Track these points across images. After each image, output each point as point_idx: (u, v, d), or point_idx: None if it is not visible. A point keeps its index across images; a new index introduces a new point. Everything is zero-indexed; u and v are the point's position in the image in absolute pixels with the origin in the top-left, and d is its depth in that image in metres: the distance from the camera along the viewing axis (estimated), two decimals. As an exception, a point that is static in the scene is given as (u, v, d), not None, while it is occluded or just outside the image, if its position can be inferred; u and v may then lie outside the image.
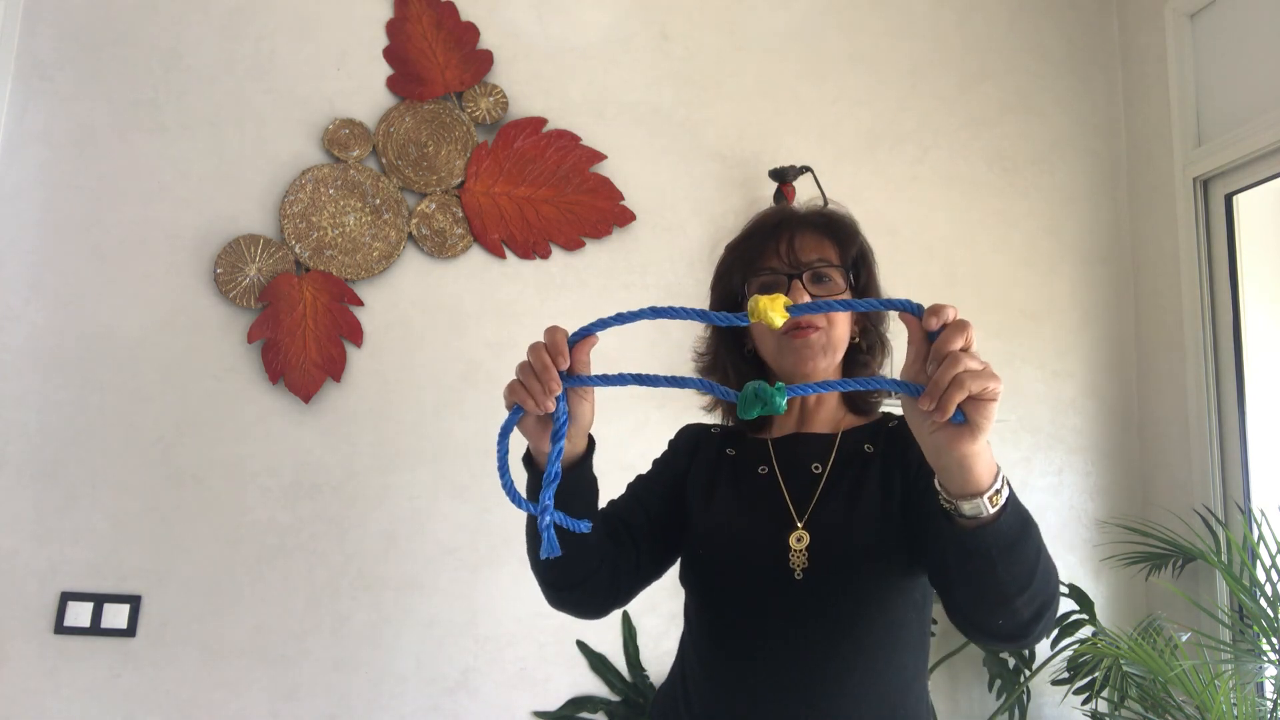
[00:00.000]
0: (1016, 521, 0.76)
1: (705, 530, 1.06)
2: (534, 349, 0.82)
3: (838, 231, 1.08)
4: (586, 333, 0.81)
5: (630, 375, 0.79)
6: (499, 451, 0.84)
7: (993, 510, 0.74)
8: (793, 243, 1.05)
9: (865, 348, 1.11)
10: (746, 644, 1.01)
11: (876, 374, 1.13)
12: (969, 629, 0.87)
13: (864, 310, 0.93)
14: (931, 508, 0.83)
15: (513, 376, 0.85)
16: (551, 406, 0.81)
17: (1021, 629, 0.82)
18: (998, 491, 0.74)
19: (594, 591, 1.00)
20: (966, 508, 0.75)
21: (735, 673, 1.02)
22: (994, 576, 0.77)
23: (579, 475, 0.92)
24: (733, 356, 1.12)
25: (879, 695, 0.98)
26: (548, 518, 0.80)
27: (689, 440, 1.16)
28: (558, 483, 0.81)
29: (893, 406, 2.21)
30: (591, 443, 0.93)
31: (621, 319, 0.78)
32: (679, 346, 2.06)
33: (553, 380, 0.80)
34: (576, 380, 0.81)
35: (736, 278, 1.09)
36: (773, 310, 0.74)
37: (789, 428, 1.11)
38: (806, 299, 1.01)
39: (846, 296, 1.05)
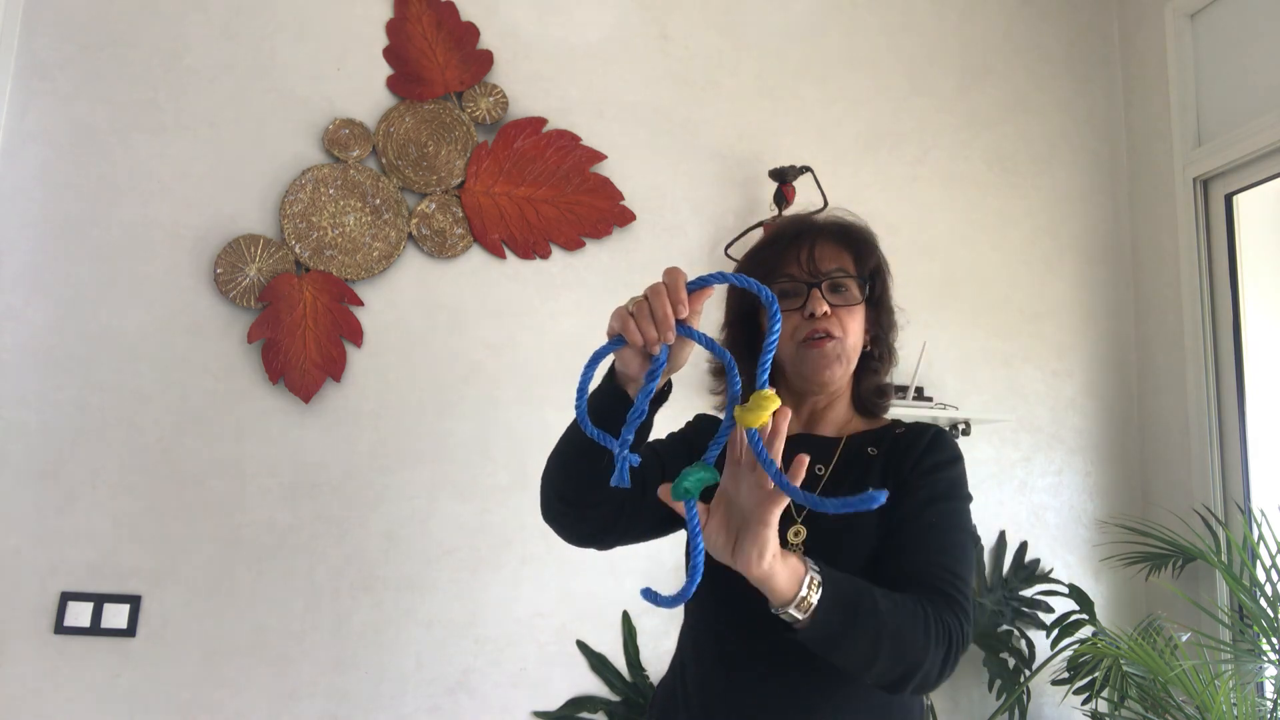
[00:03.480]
0: (834, 620, 0.83)
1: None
2: (657, 293, 0.81)
3: (856, 243, 1.11)
4: (705, 283, 0.82)
5: (728, 356, 0.82)
6: (583, 377, 0.84)
7: (804, 616, 0.82)
8: (813, 252, 1.08)
9: (877, 355, 1.14)
10: (742, 634, 1.03)
11: (884, 382, 1.17)
12: None
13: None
14: (891, 523, 0.97)
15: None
16: (657, 350, 0.82)
17: (891, 688, 0.90)
18: (803, 599, 0.81)
19: (593, 520, 1.01)
20: (782, 615, 0.83)
21: (731, 664, 1.03)
22: (833, 658, 0.86)
23: (649, 416, 0.93)
24: (747, 363, 1.13)
25: (870, 693, 0.99)
26: (626, 450, 0.80)
27: (707, 428, 1.18)
28: (641, 420, 0.82)
29: (900, 412, 2.19)
30: (669, 386, 0.94)
31: (742, 280, 0.81)
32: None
33: (670, 331, 0.81)
34: (686, 330, 0.82)
35: None
36: (755, 412, 0.77)
37: (796, 428, 1.13)
38: (825, 307, 1.04)
39: (861, 307, 1.09)
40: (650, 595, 0.80)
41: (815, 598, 0.81)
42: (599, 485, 0.94)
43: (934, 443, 1.06)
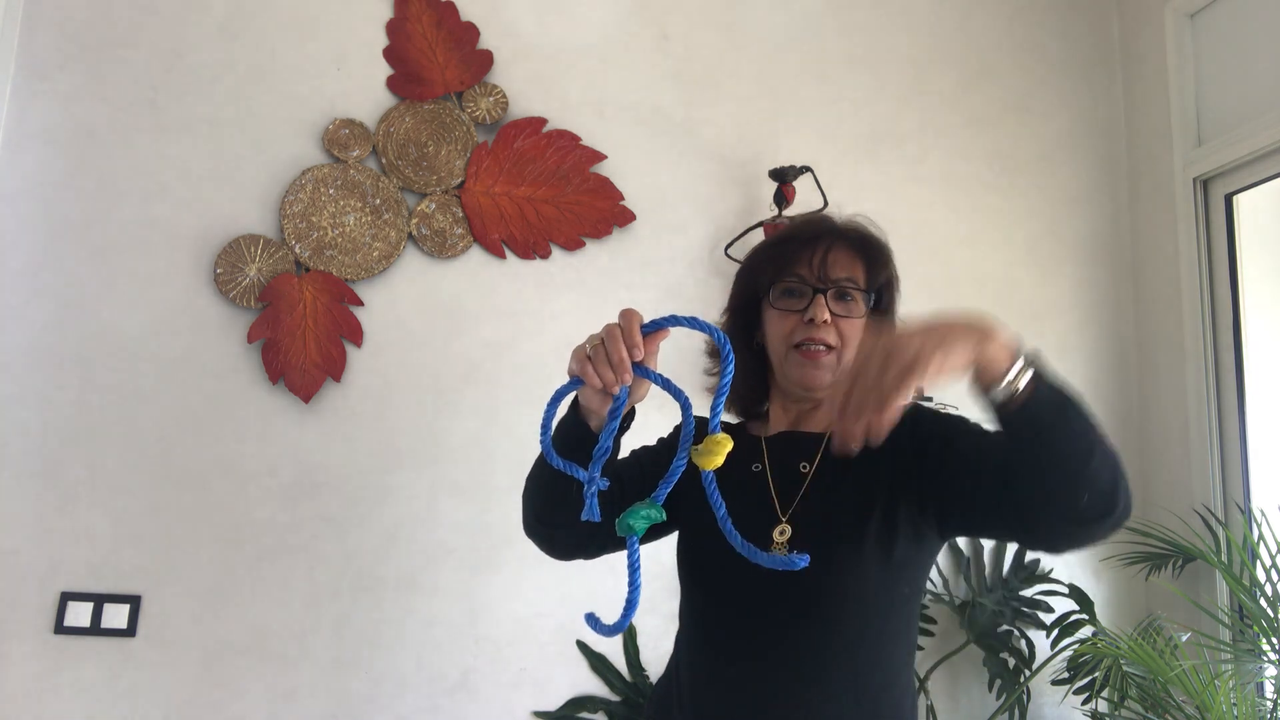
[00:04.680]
0: (1053, 394, 0.80)
1: (697, 520, 1.08)
2: (612, 338, 0.82)
3: (871, 255, 1.10)
4: (660, 326, 0.83)
5: (684, 397, 0.83)
6: (546, 414, 0.87)
7: (1020, 388, 0.79)
8: (826, 257, 1.07)
9: None
10: (730, 633, 1.04)
11: None
12: (1057, 528, 0.87)
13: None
14: (955, 457, 0.94)
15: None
16: (616, 392, 0.84)
17: (1104, 502, 0.81)
18: (1021, 370, 0.79)
19: (573, 535, 1.04)
20: (997, 394, 0.80)
21: (720, 662, 1.04)
22: (1054, 449, 0.80)
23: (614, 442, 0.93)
24: (741, 355, 1.13)
25: (860, 688, 1.00)
26: (594, 487, 0.83)
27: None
28: (606, 457, 0.84)
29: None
30: (632, 413, 0.94)
31: (695, 324, 0.82)
32: (678, 351, 2.07)
33: (627, 374, 0.82)
34: (643, 371, 0.83)
35: (764, 278, 1.10)
36: (709, 456, 0.80)
37: (783, 425, 1.14)
38: (826, 315, 1.04)
39: (863, 320, 1.08)
40: (592, 621, 0.82)
41: (1031, 372, 0.79)
42: (573, 508, 0.94)
43: (918, 414, 1.05)
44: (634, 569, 0.80)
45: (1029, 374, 0.79)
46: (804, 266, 1.07)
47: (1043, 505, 0.85)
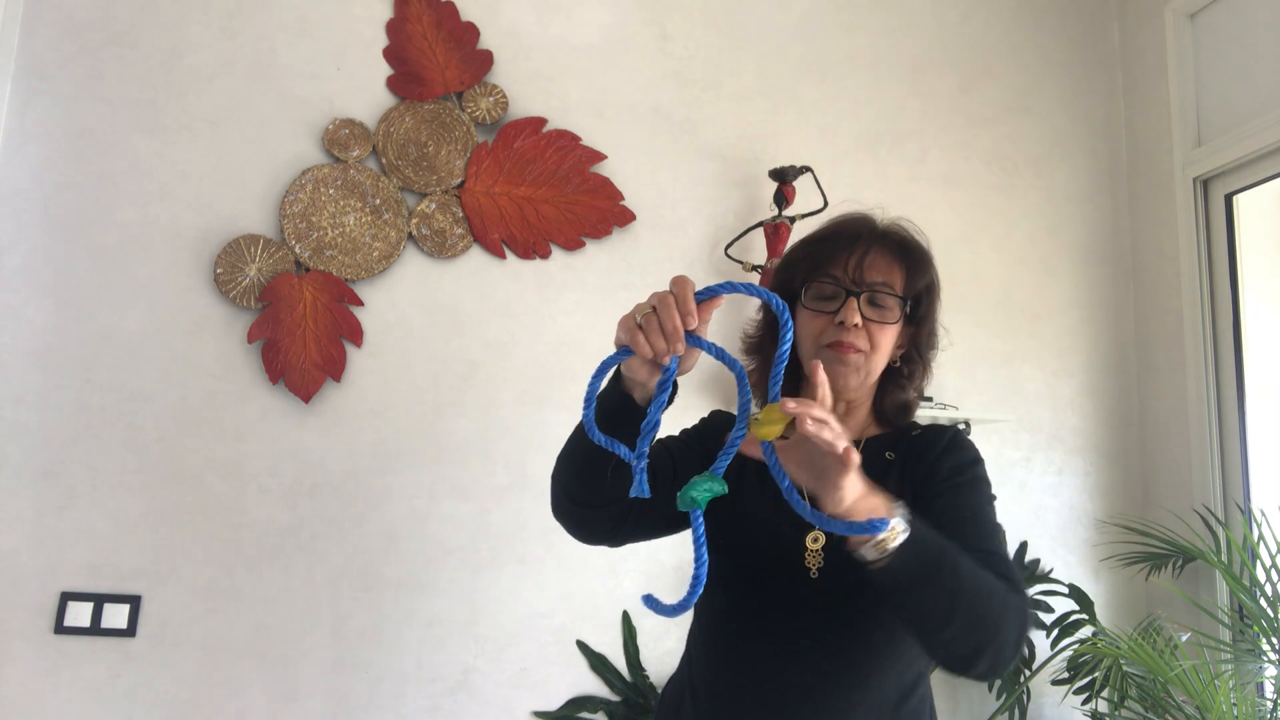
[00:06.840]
0: (911, 567, 0.82)
1: (729, 519, 1.06)
2: (665, 306, 0.78)
3: (911, 260, 1.09)
4: (714, 293, 0.79)
5: (739, 366, 0.81)
6: (591, 386, 0.83)
7: (879, 556, 0.81)
8: (863, 260, 1.05)
9: (906, 374, 1.12)
10: (756, 636, 1.03)
11: (912, 399, 1.14)
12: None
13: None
14: (931, 509, 0.92)
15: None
16: (667, 362, 0.80)
17: (962, 663, 0.87)
18: (880, 541, 0.81)
19: (602, 519, 1.00)
20: (865, 551, 0.82)
21: (742, 664, 1.03)
22: (906, 611, 0.85)
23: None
24: (772, 354, 1.12)
25: (883, 700, 0.99)
26: (644, 462, 0.79)
27: (719, 425, 1.16)
28: (655, 432, 0.80)
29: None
30: (675, 388, 0.91)
31: (752, 290, 0.78)
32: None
33: (680, 344, 0.78)
34: (695, 340, 0.80)
35: (799, 276, 1.09)
36: (769, 426, 0.77)
37: None
38: (857, 319, 1.03)
39: (898, 326, 1.07)
40: (651, 603, 0.78)
41: (894, 543, 0.80)
42: (607, 487, 0.93)
43: (953, 443, 1.05)
44: (699, 543, 0.76)
45: (891, 544, 0.81)
46: (839, 268, 1.05)
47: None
